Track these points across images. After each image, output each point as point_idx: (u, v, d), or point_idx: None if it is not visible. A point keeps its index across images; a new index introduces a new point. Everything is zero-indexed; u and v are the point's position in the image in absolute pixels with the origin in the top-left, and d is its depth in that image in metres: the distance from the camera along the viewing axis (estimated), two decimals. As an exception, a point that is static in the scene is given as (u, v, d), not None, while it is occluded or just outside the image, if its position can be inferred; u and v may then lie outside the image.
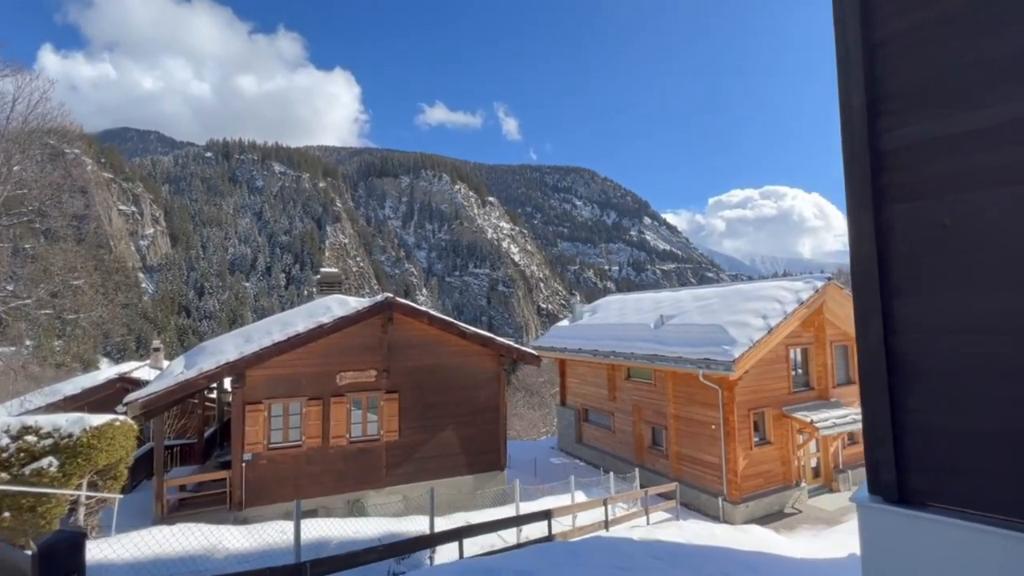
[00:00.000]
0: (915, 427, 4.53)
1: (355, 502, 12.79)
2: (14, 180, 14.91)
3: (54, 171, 16.41)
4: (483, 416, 14.34)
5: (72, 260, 15.38)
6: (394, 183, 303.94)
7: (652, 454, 19.00)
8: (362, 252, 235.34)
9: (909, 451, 4.59)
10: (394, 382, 13.41)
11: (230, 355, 11.12)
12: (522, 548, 6.04)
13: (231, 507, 11.80)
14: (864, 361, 4.83)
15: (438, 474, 13.68)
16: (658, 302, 21.45)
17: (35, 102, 15.16)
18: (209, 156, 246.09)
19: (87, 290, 15.49)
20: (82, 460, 8.58)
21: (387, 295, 12.73)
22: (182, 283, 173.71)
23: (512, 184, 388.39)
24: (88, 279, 15.94)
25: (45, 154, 16.48)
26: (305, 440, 12.50)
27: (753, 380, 16.04)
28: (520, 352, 14.27)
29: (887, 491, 4.67)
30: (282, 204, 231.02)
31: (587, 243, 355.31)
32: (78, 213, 21.04)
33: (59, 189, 15.73)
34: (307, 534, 5.90)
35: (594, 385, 22.45)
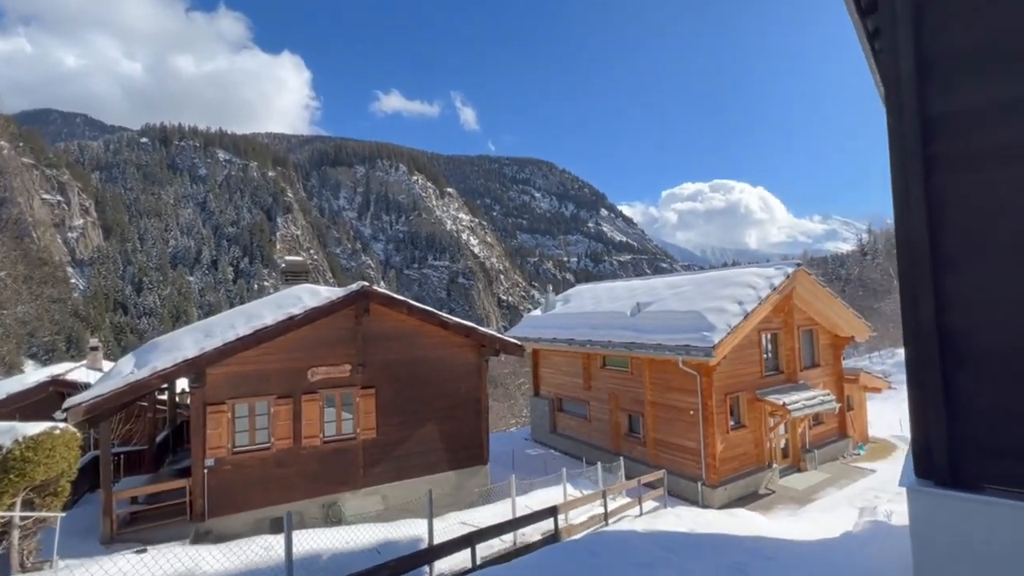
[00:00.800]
0: (970, 409, 4.35)
1: (331, 505, 11.97)
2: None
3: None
4: (464, 409, 13.78)
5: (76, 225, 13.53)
6: (349, 173, 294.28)
7: (629, 441, 19.05)
8: (316, 244, 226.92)
9: (963, 433, 4.41)
10: (370, 377, 12.61)
11: (188, 351, 10.00)
12: (536, 551, 5.62)
13: (192, 518, 10.73)
14: (913, 341, 4.61)
15: (419, 472, 13.03)
16: (632, 290, 21.47)
17: None
18: (145, 142, 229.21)
19: (10, 283, 13.69)
20: (15, 476, 7.42)
21: (363, 283, 11.88)
22: (117, 278, 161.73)
23: (471, 175, 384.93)
24: (11, 271, 14.08)
25: None
26: (274, 442, 11.54)
27: (729, 365, 16.26)
28: (503, 342, 13.78)
29: (938, 474, 4.49)
30: (228, 194, 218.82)
31: (546, 235, 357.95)
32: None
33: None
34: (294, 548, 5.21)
35: (569, 374, 22.30)
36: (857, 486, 16.69)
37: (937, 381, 4.27)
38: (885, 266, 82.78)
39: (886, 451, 20.42)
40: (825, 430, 19.83)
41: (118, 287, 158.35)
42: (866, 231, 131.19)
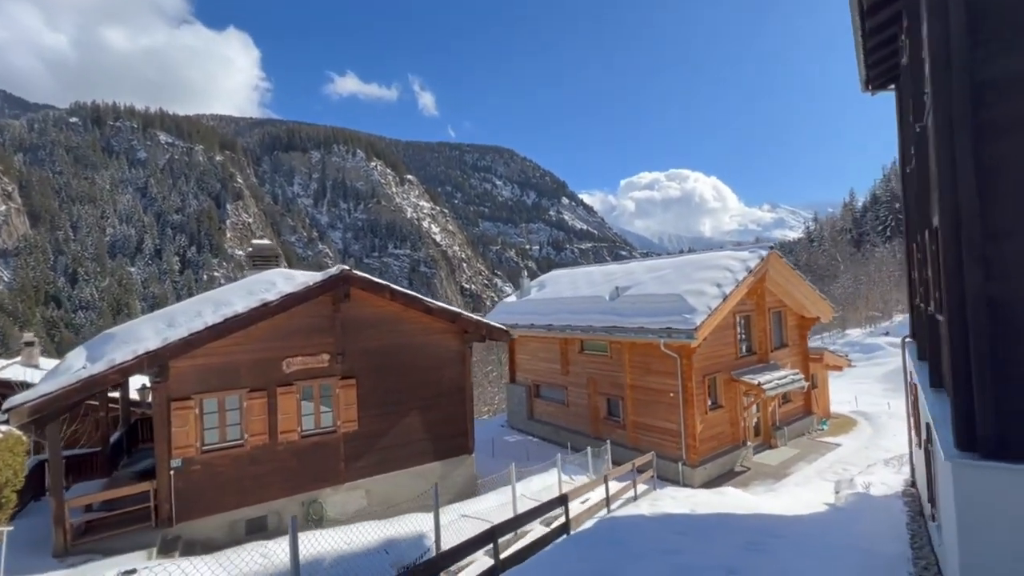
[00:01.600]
0: (1020, 379, 4.31)
1: (311, 503, 11.31)
2: None
3: None
4: (449, 398, 13.32)
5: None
6: (303, 158, 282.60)
7: (608, 425, 19.13)
8: (270, 232, 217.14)
9: (1011, 405, 4.38)
10: (350, 366, 11.93)
11: (150, 342, 9.04)
12: (556, 542, 5.32)
13: (158, 524, 9.85)
14: (959, 310, 4.53)
15: (403, 463, 12.52)
16: (609, 274, 21.46)
17: None
18: (75, 121, 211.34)
19: None
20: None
21: (343, 267, 11.13)
22: (48, 269, 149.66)
23: (431, 162, 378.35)
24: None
25: None
26: (248, 438, 10.73)
27: (707, 347, 16.49)
28: (489, 328, 13.34)
29: (984, 446, 4.44)
30: (171, 179, 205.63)
31: (508, 223, 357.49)
32: None
33: None
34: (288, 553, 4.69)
35: (546, 360, 22.16)
36: (825, 460, 17.42)
37: (984, 350, 4.21)
38: (832, 252, 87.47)
39: (848, 426, 21.47)
40: (792, 408, 20.60)
41: (49, 279, 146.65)
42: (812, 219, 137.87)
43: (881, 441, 18.91)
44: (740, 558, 5.48)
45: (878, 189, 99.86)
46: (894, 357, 36.81)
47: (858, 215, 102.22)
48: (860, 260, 75.05)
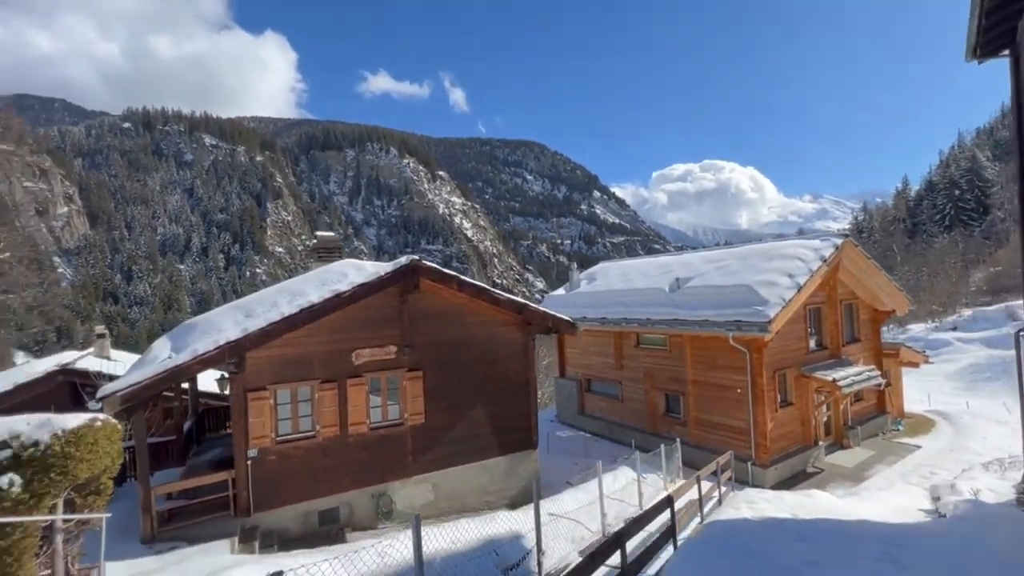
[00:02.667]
0: None
1: (381, 496, 11.22)
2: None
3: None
4: (513, 392, 13.01)
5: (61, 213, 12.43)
6: (338, 157, 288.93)
7: (667, 422, 18.46)
8: (308, 230, 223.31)
9: None
10: (416, 358, 11.76)
11: (230, 333, 9.07)
12: (690, 551, 4.89)
13: (237, 513, 9.93)
14: None
15: (469, 457, 12.31)
16: (665, 266, 20.69)
17: None
18: (127, 127, 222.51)
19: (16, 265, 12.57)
20: (56, 474, 6.51)
21: (412, 257, 10.94)
22: (106, 267, 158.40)
23: (462, 158, 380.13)
24: (15, 253, 12.94)
25: None
26: (320, 429, 10.71)
27: (777, 341, 15.59)
28: (555, 320, 12.93)
29: None
30: (216, 180, 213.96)
31: (539, 217, 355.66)
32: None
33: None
34: (398, 552, 4.42)
35: (598, 354, 21.61)
36: (907, 462, 16.27)
37: None
38: (886, 243, 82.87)
39: (925, 426, 20.07)
40: (865, 406, 19.40)
41: (107, 276, 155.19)
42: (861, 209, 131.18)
43: (968, 443, 17.54)
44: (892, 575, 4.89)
45: (934, 176, 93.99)
46: (963, 354, 34.42)
47: (912, 204, 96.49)
48: (916, 251, 70.80)
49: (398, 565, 4.36)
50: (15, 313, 14.11)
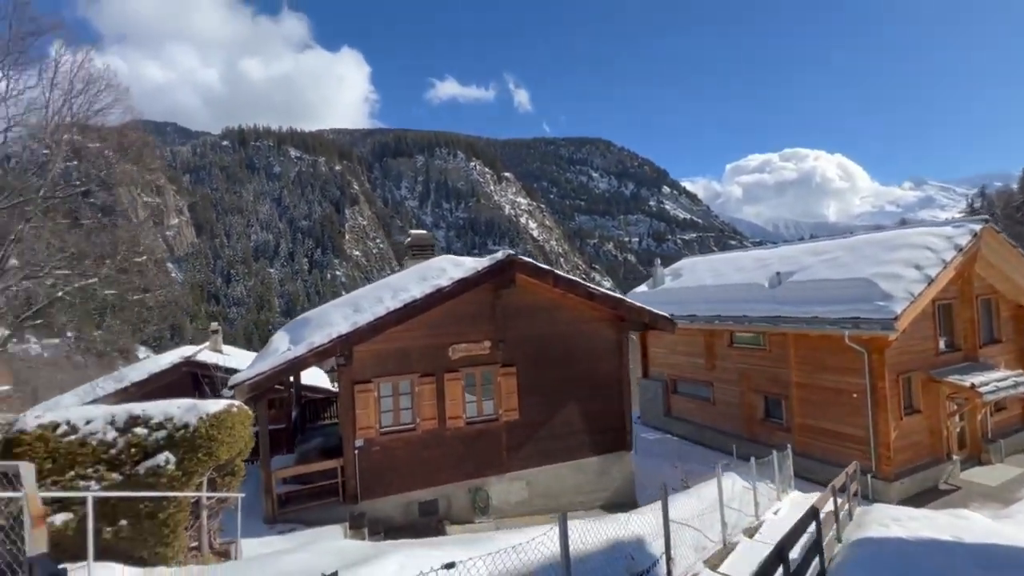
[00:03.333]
0: None
1: (477, 491, 11.28)
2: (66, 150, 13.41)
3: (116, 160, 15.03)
4: (606, 390, 12.63)
5: (135, 233, 14.03)
6: (409, 163, 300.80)
7: (766, 426, 17.17)
8: (381, 234, 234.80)
9: None
10: (510, 354, 11.71)
11: (341, 327, 9.49)
12: (847, 569, 4.37)
13: (345, 500, 10.38)
14: None
15: (562, 456, 12.08)
16: (761, 260, 19.28)
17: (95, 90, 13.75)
18: (226, 144, 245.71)
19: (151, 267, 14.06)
20: (203, 455, 7.07)
21: (508, 252, 10.93)
22: (209, 271, 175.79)
23: (527, 158, 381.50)
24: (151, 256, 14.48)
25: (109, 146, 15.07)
26: (419, 422, 10.95)
27: (900, 341, 13.91)
28: (653, 316, 12.39)
29: None
30: (300, 189, 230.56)
31: (605, 215, 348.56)
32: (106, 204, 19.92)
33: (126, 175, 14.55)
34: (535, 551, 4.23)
35: (686, 354, 20.58)
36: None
37: None
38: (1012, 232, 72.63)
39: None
40: (1007, 417, 16.92)
41: (210, 279, 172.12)
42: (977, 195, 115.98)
43: None
44: None
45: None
46: None
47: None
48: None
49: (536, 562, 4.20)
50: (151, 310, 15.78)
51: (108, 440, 6.86)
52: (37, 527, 1.98)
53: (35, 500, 2.41)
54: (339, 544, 7.33)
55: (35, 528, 1.96)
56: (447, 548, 4.89)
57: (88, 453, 6.72)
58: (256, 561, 6.29)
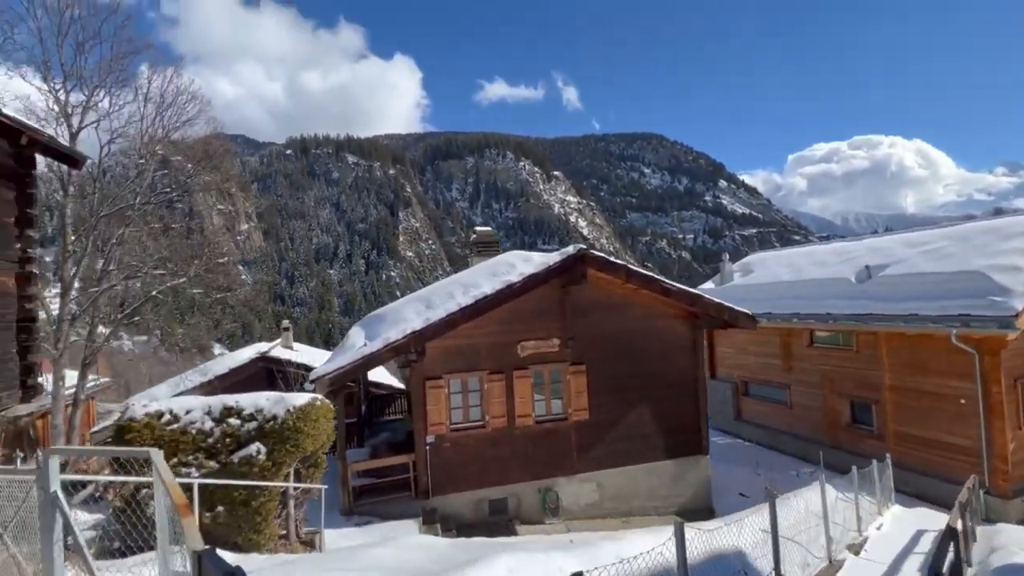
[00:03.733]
0: None
1: (547, 491, 11.05)
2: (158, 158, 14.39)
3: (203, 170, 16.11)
4: (680, 391, 12.04)
5: (218, 237, 14.98)
6: (459, 165, 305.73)
7: (852, 433, 15.84)
8: (433, 235, 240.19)
9: None
10: (579, 352, 11.39)
11: (415, 323, 9.56)
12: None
13: (416, 496, 10.45)
14: None
15: (634, 458, 11.62)
16: (845, 253, 17.84)
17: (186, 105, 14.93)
18: (289, 153, 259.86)
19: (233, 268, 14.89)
20: (290, 446, 7.27)
21: (579, 246, 10.63)
22: (275, 273, 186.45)
23: (576, 156, 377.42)
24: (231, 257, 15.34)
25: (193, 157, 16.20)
26: (489, 420, 10.86)
27: (1018, 341, 12.37)
28: (732, 313, 11.69)
29: None
30: (357, 193, 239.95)
31: (658, 212, 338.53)
32: (188, 210, 21.41)
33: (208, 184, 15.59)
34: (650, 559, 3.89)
35: (758, 354, 19.40)
36: None
37: None
38: None
39: None
40: None
41: (276, 281, 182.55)
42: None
43: None
44: None
45: None
46: None
47: None
48: None
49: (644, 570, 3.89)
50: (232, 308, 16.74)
51: (206, 429, 7.19)
52: (185, 515, 1.93)
53: (176, 488, 2.40)
54: (422, 540, 7.33)
55: (183, 517, 1.91)
56: (552, 554, 4.69)
57: (189, 441, 7.07)
58: (346, 552, 6.36)
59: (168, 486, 2.42)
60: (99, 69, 13.51)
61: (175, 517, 2.16)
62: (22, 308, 7.06)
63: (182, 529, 2.05)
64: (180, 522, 1.91)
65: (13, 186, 7.03)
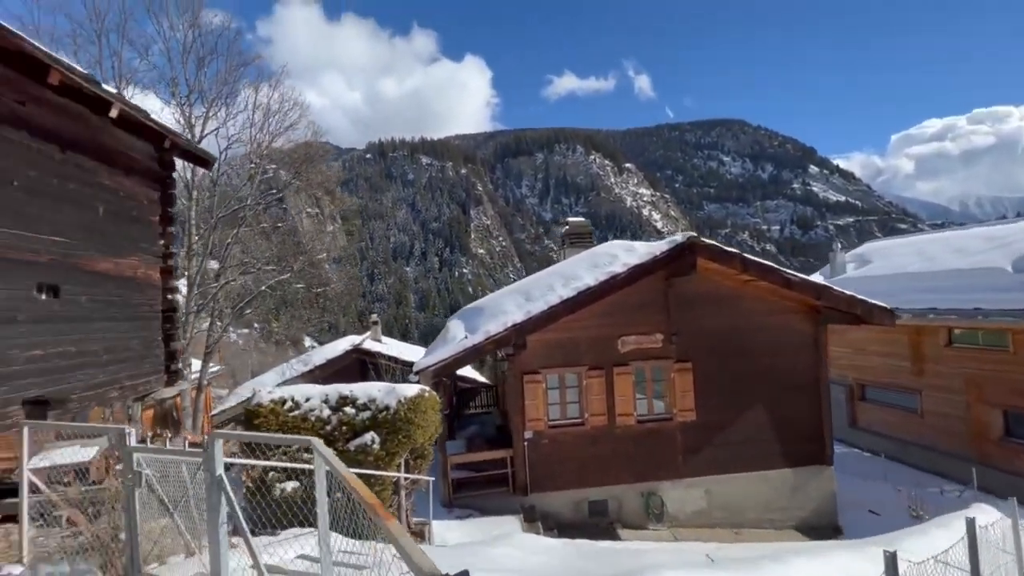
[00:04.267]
0: None
1: (650, 495, 10.42)
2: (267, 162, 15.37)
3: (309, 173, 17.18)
4: (799, 392, 10.88)
5: (312, 237, 15.81)
6: (529, 161, 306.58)
7: (1007, 448, 13.58)
8: (504, 232, 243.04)
9: None
10: (685, 348, 10.62)
11: (515, 316, 9.35)
12: None
13: (515, 492, 10.25)
14: None
15: (746, 465, 10.66)
16: (996, 238, 15.34)
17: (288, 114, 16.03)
18: (369, 157, 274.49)
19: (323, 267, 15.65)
20: (403, 437, 7.29)
21: (689, 234, 9.87)
22: (357, 271, 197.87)
23: (649, 147, 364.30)
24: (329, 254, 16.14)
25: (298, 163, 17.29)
26: (588, 417, 10.43)
27: None
28: (867, 306, 10.33)
29: None
30: (431, 193, 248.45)
31: (739, 202, 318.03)
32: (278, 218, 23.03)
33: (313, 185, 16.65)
34: None
35: (879, 355, 17.28)
36: None
37: None
38: None
39: None
40: None
41: (358, 279, 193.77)
42: None
43: None
44: None
45: None
46: None
47: None
48: None
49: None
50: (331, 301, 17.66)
51: (323, 417, 7.38)
52: (387, 519, 1.68)
53: (361, 486, 2.22)
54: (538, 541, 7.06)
55: (386, 520, 1.66)
56: (705, 572, 4.22)
57: (309, 428, 7.28)
58: (467, 550, 6.23)
59: (351, 482, 2.25)
60: (216, 81, 14.69)
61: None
62: (165, 299, 7.68)
63: (371, 525, 1.86)
64: (381, 525, 1.68)
65: (157, 187, 7.66)
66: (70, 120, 5.94)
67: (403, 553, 1.48)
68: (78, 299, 5.97)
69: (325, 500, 2.91)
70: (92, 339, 6.21)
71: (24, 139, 5.31)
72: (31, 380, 5.19)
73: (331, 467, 2.62)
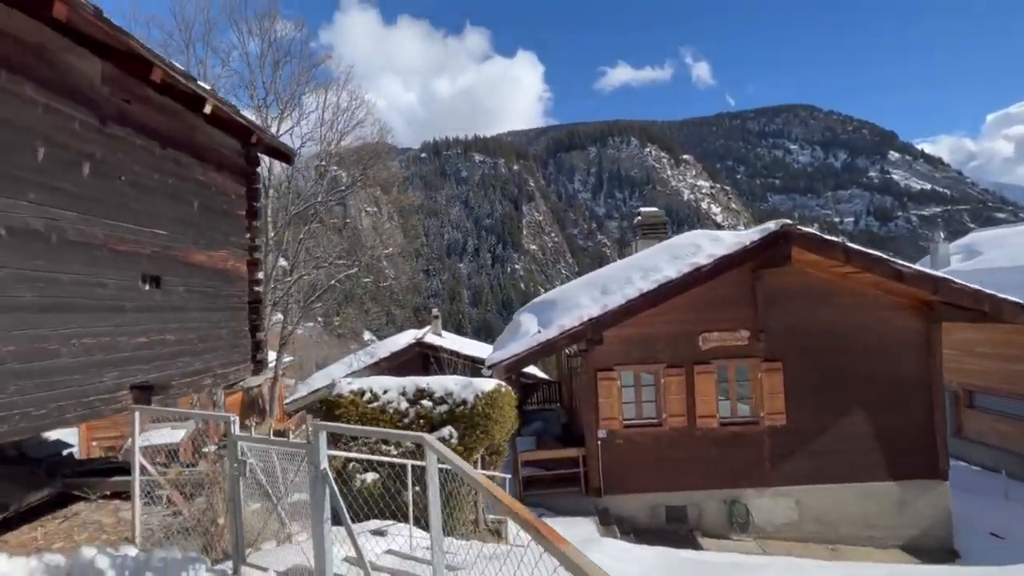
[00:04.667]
0: None
1: (733, 503, 9.73)
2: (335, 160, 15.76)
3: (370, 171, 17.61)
4: (907, 398, 9.79)
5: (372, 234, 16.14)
6: (581, 155, 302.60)
7: None
8: (556, 228, 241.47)
9: None
10: (774, 347, 9.81)
11: (591, 309, 8.97)
12: None
13: (587, 492, 9.88)
14: None
15: (844, 476, 9.73)
16: None
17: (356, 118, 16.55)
18: (424, 156, 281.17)
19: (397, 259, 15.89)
20: (480, 432, 7.12)
21: (784, 222, 9.07)
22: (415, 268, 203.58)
23: (708, 137, 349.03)
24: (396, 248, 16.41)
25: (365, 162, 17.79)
26: (665, 418, 9.86)
27: None
28: (995, 302, 9.09)
29: None
30: (484, 190, 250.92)
31: (807, 193, 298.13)
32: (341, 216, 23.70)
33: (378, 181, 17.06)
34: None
35: (994, 357, 15.37)
36: None
37: None
38: None
39: None
40: None
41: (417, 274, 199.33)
42: None
43: None
44: None
45: None
46: None
47: None
48: None
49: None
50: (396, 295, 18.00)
51: (401, 409, 7.33)
52: (562, 544, 1.40)
53: (507, 497, 1.96)
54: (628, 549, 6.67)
55: (560, 545, 1.37)
56: None
57: (387, 420, 7.26)
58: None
59: (496, 494, 2.00)
60: (290, 83, 15.24)
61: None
62: (251, 291, 7.92)
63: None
64: (554, 550, 1.39)
65: (244, 182, 7.90)
66: (168, 117, 6.17)
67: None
68: (176, 290, 6.20)
69: (438, 499, 2.70)
70: (188, 328, 6.45)
71: (129, 135, 5.53)
72: (138, 367, 5.41)
73: (455, 468, 2.37)
